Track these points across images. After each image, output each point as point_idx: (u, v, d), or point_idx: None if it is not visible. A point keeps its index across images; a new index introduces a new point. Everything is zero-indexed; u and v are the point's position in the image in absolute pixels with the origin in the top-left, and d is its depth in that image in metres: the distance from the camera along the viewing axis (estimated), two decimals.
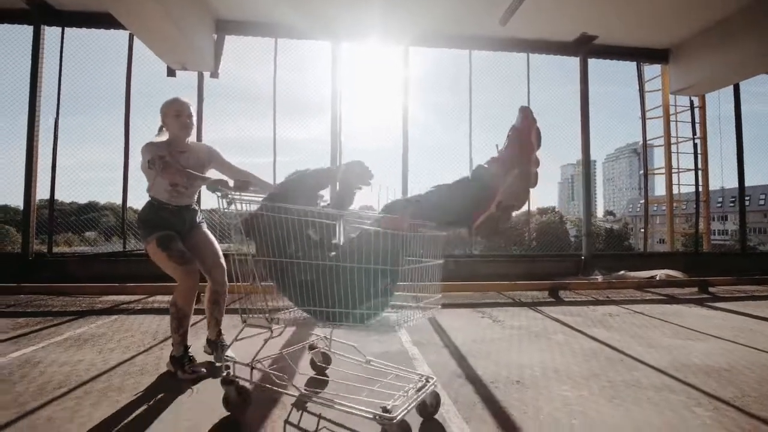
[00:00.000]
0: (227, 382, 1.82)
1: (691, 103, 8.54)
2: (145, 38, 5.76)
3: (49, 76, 6.51)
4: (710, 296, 5.32)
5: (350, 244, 1.72)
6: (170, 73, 6.66)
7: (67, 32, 6.59)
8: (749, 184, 8.48)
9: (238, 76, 7.29)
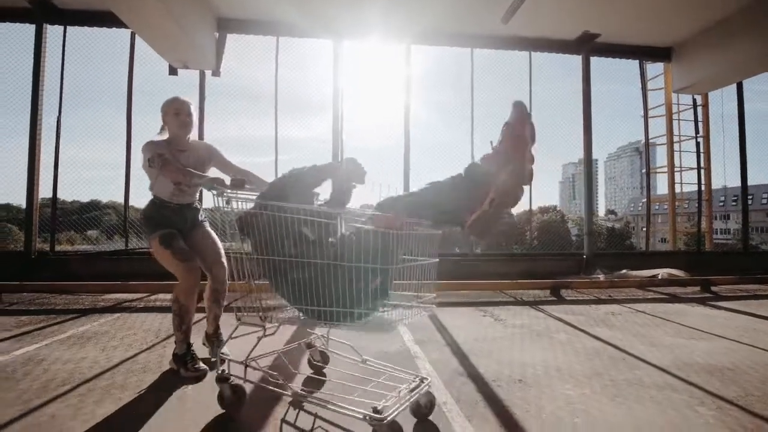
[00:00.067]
0: (221, 379, 1.83)
1: (693, 101, 8.51)
2: (146, 36, 5.75)
3: (51, 74, 6.53)
4: (712, 295, 5.30)
5: (342, 242, 1.70)
6: (172, 71, 6.66)
7: (69, 31, 6.60)
8: (752, 183, 8.45)
9: (239, 74, 7.30)
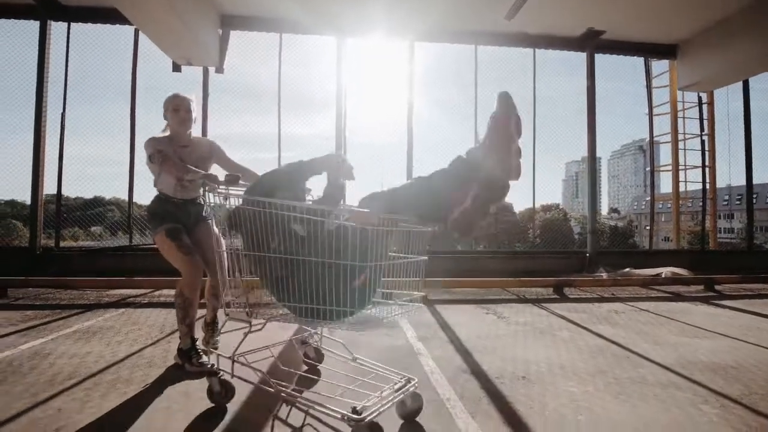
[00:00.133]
0: (210, 373, 1.85)
1: (699, 99, 8.45)
2: (150, 33, 5.76)
3: (55, 71, 6.55)
4: (716, 294, 5.29)
5: (322, 239, 1.65)
6: (175, 68, 6.67)
7: (73, 27, 6.62)
8: (757, 181, 8.39)
9: (243, 71, 7.32)
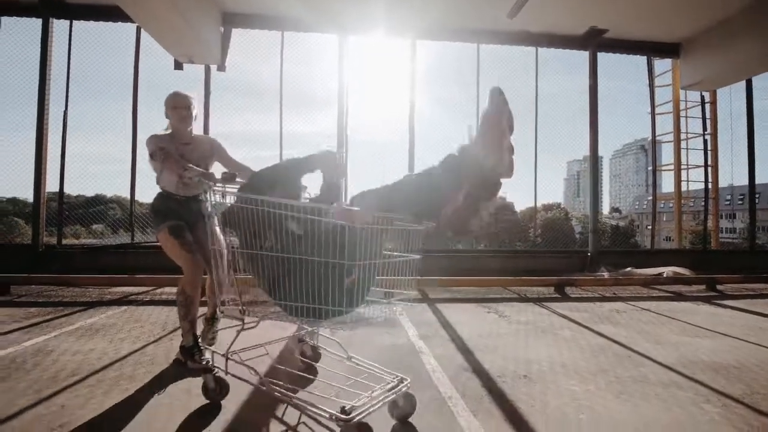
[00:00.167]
0: (205, 370, 1.87)
1: (701, 98, 8.41)
2: (152, 31, 5.76)
3: (56, 70, 6.55)
4: (718, 294, 5.28)
5: (312, 237, 1.63)
6: (177, 66, 6.68)
7: (75, 25, 6.62)
8: (759, 181, 8.36)
9: (245, 69, 7.31)
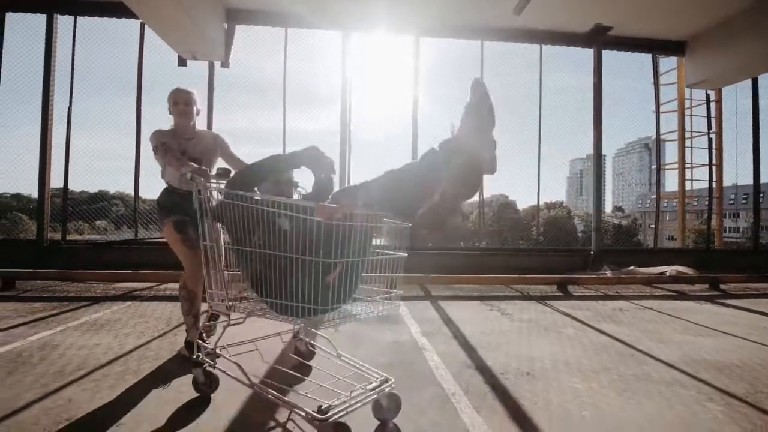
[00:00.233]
0: (195, 364, 1.89)
1: (707, 96, 8.35)
2: (156, 27, 5.76)
3: (60, 68, 6.57)
4: (721, 293, 5.27)
5: (292, 234, 1.60)
6: (181, 62, 6.67)
7: (79, 21, 6.63)
8: (764, 180, 8.29)
9: (248, 66, 7.30)
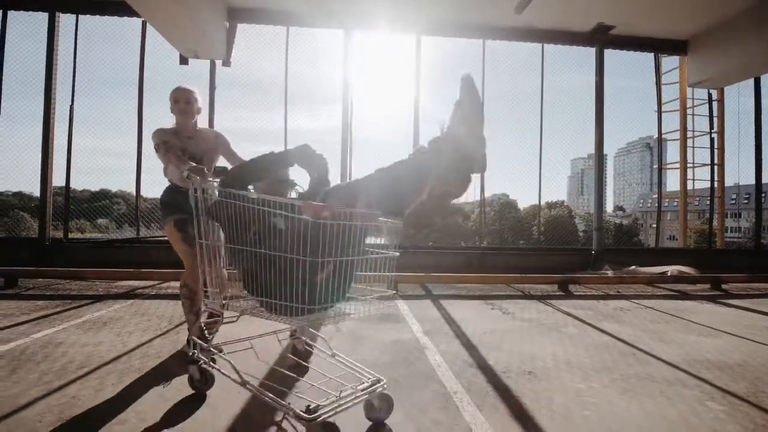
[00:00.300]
0: (190, 362, 1.90)
1: (709, 96, 8.33)
2: (157, 25, 5.76)
3: (62, 66, 6.58)
4: (723, 293, 5.26)
5: (280, 233, 1.58)
6: (183, 61, 6.67)
7: (81, 19, 6.64)
8: (766, 180, 8.27)
9: (249, 65, 7.29)
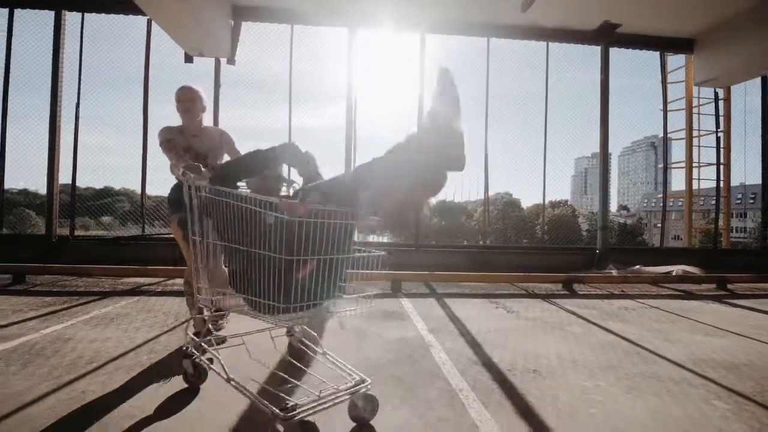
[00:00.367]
0: (185, 356, 1.94)
1: (715, 95, 8.28)
2: (163, 24, 5.78)
3: (68, 65, 6.63)
4: (728, 293, 5.24)
5: (260, 230, 1.57)
6: (188, 59, 6.70)
7: (87, 18, 6.67)
8: None
9: (254, 64, 7.31)
